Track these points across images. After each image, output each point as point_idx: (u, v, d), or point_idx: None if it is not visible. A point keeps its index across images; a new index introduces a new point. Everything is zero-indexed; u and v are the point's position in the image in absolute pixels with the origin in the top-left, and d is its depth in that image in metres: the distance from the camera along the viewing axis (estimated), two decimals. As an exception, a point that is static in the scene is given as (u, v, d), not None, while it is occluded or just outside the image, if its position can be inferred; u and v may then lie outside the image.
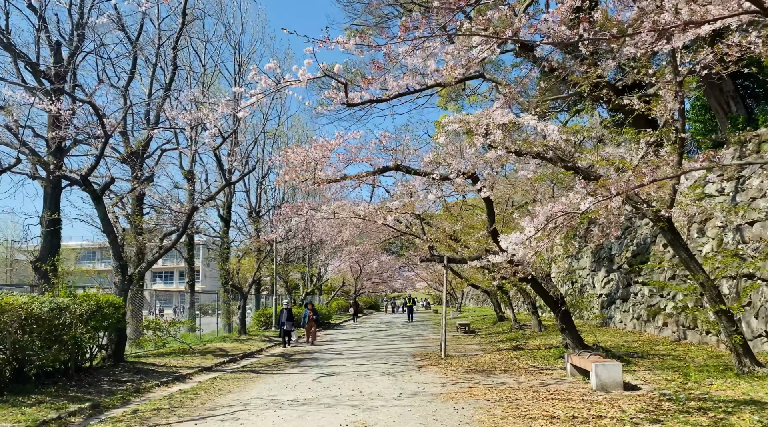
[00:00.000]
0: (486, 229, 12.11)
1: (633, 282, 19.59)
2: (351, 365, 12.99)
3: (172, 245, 13.64)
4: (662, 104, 9.18)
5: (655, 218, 8.97)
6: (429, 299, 76.85)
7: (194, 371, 12.30)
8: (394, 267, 53.65)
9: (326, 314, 32.35)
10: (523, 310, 36.03)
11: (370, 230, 23.31)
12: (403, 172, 11.02)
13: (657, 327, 16.97)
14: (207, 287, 67.49)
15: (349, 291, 57.55)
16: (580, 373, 10.05)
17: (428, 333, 23.74)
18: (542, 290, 13.37)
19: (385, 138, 10.89)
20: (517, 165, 9.02)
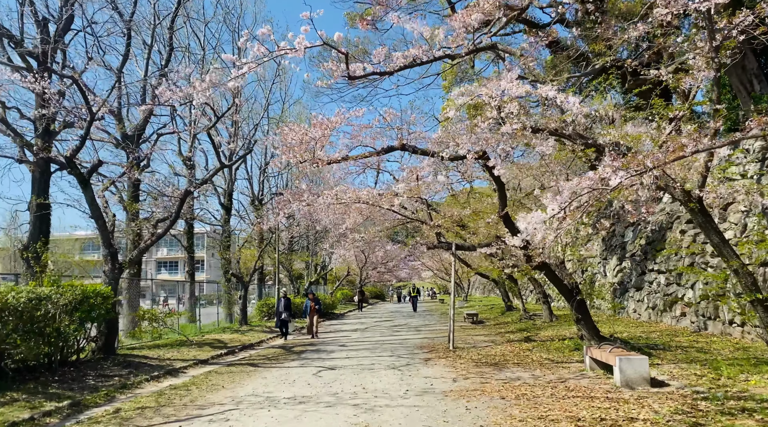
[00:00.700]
0: (497, 213, 11.34)
1: (648, 270, 18.81)
2: (354, 358, 12.31)
3: (165, 231, 12.94)
4: (692, 74, 8.35)
5: (685, 198, 8.18)
6: (435, 288, 76.21)
7: (189, 364, 11.66)
8: (400, 256, 52.88)
9: (330, 304, 31.73)
10: (531, 299, 35.33)
11: (374, 217, 22.59)
12: (409, 153, 10.24)
13: (674, 317, 16.22)
14: (212, 277, 67.11)
15: (354, 281, 56.94)
16: (601, 367, 9.33)
17: (435, 323, 23.06)
18: (556, 278, 12.61)
19: (390, 116, 10.11)
20: (535, 141, 8.21)
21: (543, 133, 8.74)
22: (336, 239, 26.66)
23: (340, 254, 28.77)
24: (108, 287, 10.87)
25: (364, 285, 54.30)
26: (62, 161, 10.73)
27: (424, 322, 24.11)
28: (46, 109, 11.87)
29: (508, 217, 11.52)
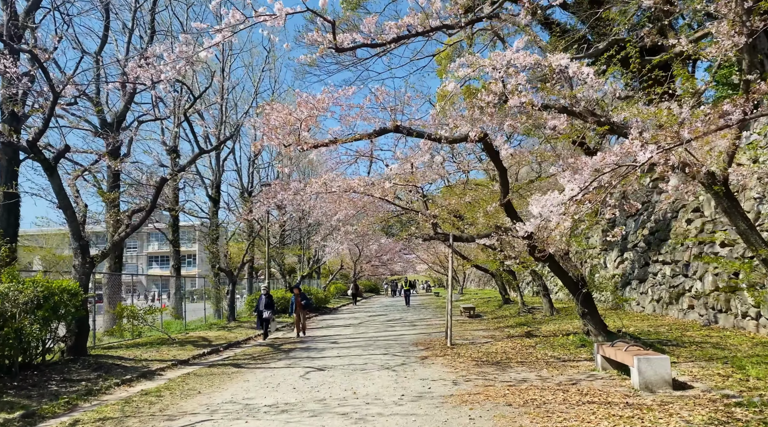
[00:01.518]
0: (499, 201, 10.51)
1: (652, 261, 18.09)
2: (346, 357, 11.49)
3: (141, 222, 12.04)
4: (716, 43, 7.53)
5: (709, 180, 7.38)
6: (430, 281, 75.58)
7: (167, 365, 10.80)
8: (395, 250, 52.10)
9: (323, 299, 30.89)
10: (527, 291, 34.63)
11: (367, 209, 21.74)
12: (404, 135, 9.38)
13: (681, 310, 15.50)
14: (204, 272, 66.09)
15: (348, 274, 56.10)
16: (614, 366, 8.55)
17: (430, 318, 22.28)
18: (561, 270, 11.83)
19: (382, 95, 9.24)
20: (546, 115, 7.37)
21: (551, 110, 7.92)
22: (328, 232, 25.80)
23: (332, 248, 27.90)
24: (76, 283, 9.97)
25: (358, 279, 53.53)
26: (24, 146, 9.80)
27: (419, 316, 23.34)
28: (11, 90, 10.93)
29: (510, 205, 10.70)
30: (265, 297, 16.45)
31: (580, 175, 4.75)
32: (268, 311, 16.22)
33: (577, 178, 4.73)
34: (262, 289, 17.17)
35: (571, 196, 4.68)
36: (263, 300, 16.34)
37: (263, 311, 16.20)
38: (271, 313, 16.33)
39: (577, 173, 4.90)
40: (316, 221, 30.46)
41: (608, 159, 4.70)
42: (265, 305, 16.24)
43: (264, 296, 16.49)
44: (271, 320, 16.57)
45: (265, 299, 16.39)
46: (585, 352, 10.76)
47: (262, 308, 16.22)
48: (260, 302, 16.45)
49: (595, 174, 4.72)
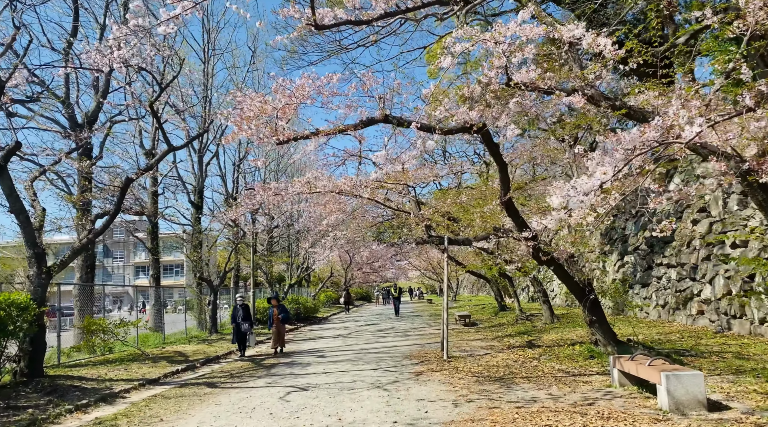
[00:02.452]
0: (498, 199, 9.55)
1: (655, 265, 17.22)
2: (332, 373, 10.45)
3: (105, 226, 10.96)
4: (747, 15, 6.64)
5: (740, 171, 6.47)
6: (422, 288, 74.54)
7: (133, 385, 9.70)
8: (386, 256, 51.08)
9: (312, 308, 29.75)
10: (522, 297, 33.70)
11: (356, 214, 20.77)
12: (394, 125, 8.42)
13: (690, 316, 14.61)
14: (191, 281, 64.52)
15: (338, 282, 54.94)
16: (632, 382, 7.58)
17: (423, 326, 21.26)
18: (566, 274, 10.88)
19: (370, 81, 8.28)
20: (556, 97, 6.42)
21: (559, 94, 6.98)
22: (317, 238, 24.76)
23: (322, 254, 26.85)
24: (27, 296, 8.88)
25: (349, 286, 52.45)
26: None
27: (412, 325, 22.30)
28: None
29: (511, 203, 9.74)
30: (241, 309, 14.78)
31: (614, 155, 3.80)
32: (246, 323, 14.63)
33: (608, 161, 3.78)
34: (238, 300, 15.12)
35: (602, 181, 3.72)
36: (240, 312, 14.70)
37: (241, 324, 14.57)
38: (249, 326, 14.69)
39: (608, 155, 3.95)
40: (305, 227, 29.43)
41: (649, 134, 3.76)
42: (243, 317, 14.61)
43: (240, 308, 14.79)
44: (249, 334, 14.80)
45: (242, 310, 14.75)
46: (595, 364, 9.80)
47: (240, 321, 14.58)
48: (236, 315, 14.74)
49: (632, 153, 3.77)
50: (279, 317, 14.93)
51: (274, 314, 15.02)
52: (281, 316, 15.03)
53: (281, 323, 14.98)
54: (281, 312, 15.14)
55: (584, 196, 3.74)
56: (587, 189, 3.72)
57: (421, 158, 13.02)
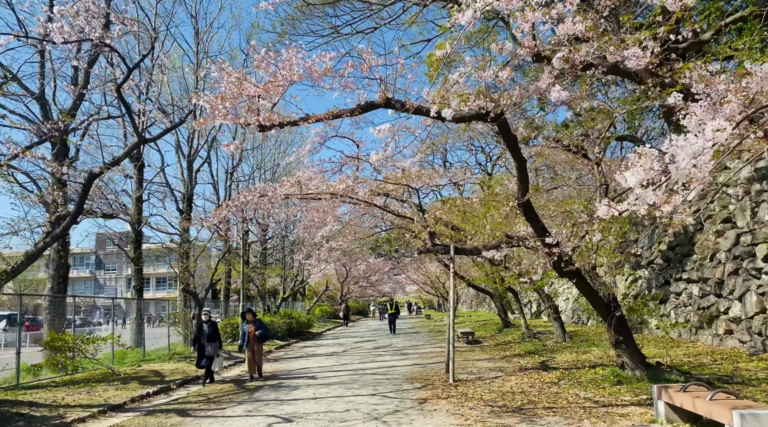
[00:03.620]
0: (515, 200, 8.31)
1: (674, 279, 15.96)
2: (323, 400, 9.11)
3: (65, 228, 9.69)
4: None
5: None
6: (420, 302, 73.00)
7: (91, 412, 8.35)
8: (383, 270, 49.82)
9: (305, 323, 28.32)
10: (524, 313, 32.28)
11: (352, 222, 19.51)
12: (396, 111, 7.21)
13: (716, 335, 13.33)
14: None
15: (334, 296, 53.51)
16: (683, 417, 6.28)
17: (423, 344, 19.89)
18: (589, 288, 9.63)
19: (369, 59, 7.09)
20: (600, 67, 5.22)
21: (598, 69, 5.80)
22: (311, 249, 23.46)
23: (317, 266, 25.53)
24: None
25: (345, 300, 51.08)
26: None
27: (411, 342, 20.92)
28: None
29: (530, 205, 8.50)
30: (207, 326, 12.29)
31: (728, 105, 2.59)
32: (212, 344, 12.14)
33: (722, 110, 2.56)
34: (203, 316, 12.69)
35: (716, 141, 2.50)
36: (204, 330, 12.22)
37: (206, 346, 12.08)
38: (215, 347, 12.22)
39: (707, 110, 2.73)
40: (299, 238, 28.15)
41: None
42: (208, 336, 12.14)
43: (205, 325, 12.31)
44: (216, 357, 12.37)
45: (208, 328, 12.26)
46: (626, 392, 8.50)
47: (204, 342, 12.09)
48: (201, 334, 12.23)
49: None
50: (255, 334, 12.49)
51: (250, 331, 12.53)
52: (258, 333, 12.53)
53: (258, 342, 12.57)
54: (258, 328, 12.64)
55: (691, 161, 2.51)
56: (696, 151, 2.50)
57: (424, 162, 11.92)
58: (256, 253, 34.59)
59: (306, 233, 25.59)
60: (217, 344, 12.28)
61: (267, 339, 13.32)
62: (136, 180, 20.10)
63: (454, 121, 7.15)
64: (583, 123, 22.79)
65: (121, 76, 12.31)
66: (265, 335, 12.79)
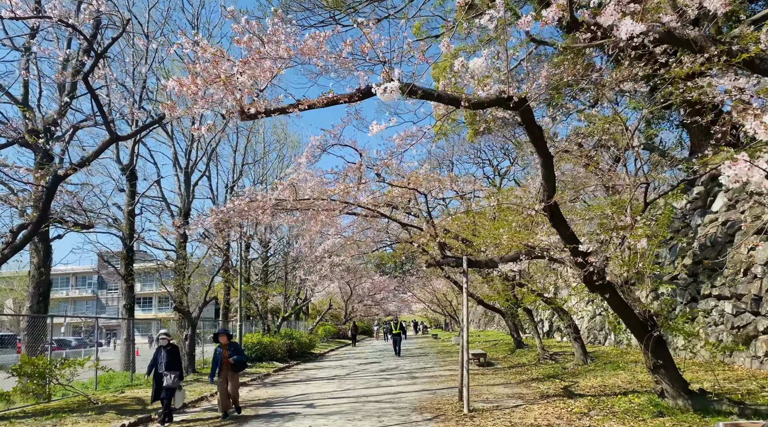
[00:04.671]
0: (542, 201, 7.20)
1: (702, 296, 14.74)
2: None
3: (27, 239, 8.65)
4: None
5: None
6: (426, 322, 71.45)
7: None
8: (389, 288, 48.59)
9: (307, 343, 27.05)
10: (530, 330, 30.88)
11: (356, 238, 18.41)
12: (403, 95, 6.17)
13: (755, 357, 12.08)
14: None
15: (338, 315, 52.15)
16: (759, 464, 5.10)
17: (432, 366, 18.61)
18: (623, 305, 8.46)
19: (371, 35, 6.07)
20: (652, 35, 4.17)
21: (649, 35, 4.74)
22: (312, 265, 22.32)
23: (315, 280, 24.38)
24: None
25: (349, 319, 49.82)
26: None
27: (418, 364, 19.64)
28: None
29: (557, 209, 7.38)
30: (165, 351, 9.94)
31: None
32: (173, 374, 9.82)
33: None
34: (161, 338, 10.27)
35: None
36: (162, 356, 9.92)
37: (163, 375, 9.79)
38: (176, 378, 9.84)
39: None
40: (300, 253, 27.04)
41: None
42: (167, 364, 9.83)
43: (163, 350, 9.97)
44: (178, 390, 10.05)
45: (166, 353, 9.93)
46: (672, 426, 7.28)
47: (162, 370, 9.80)
48: (157, 360, 9.99)
49: None
50: (230, 361, 10.34)
51: (223, 356, 10.36)
52: (234, 359, 10.35)
53: (233, 370, 10.35)
54: (234, 354, 10.44)
55: None
56: None
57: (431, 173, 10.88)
58: (257, 270, 33.50)
59: (307, 248, 24.52)
60: (177, 374, 9.92)
61: (244, 367, 10.97)
62: (128, 192, 19.13)
63: (471, 108, 6.08)
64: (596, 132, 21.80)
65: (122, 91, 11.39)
66: (241, 362, 10.62)
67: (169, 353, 9.99)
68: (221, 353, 10.44)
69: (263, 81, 6.10)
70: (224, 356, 10.38)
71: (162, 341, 10.19)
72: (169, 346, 10.15)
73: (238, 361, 10.46)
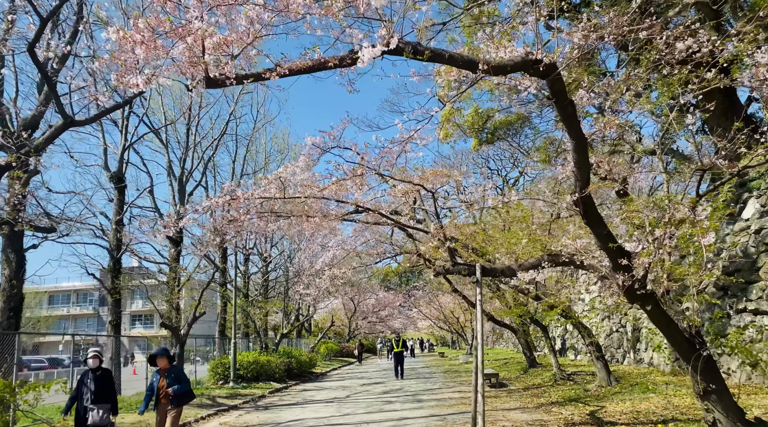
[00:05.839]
0: (575, 194, 6.00)
1: (735, 311, 13.43)
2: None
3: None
4: None
5: None
6: (432, 339, 69.75)
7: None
8: (394, 304, 47.20)
9: (307, 362, 25.68)
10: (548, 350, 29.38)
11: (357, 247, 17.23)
12: (406, 57, 5.04)
13: (804, 378, 10.75)
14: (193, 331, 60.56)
15: (342, 332, 50.67)
16: None
17: (440, 388, 17.23)
18: (667, 318, 7.19)
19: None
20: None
21: None
22: (311, 278, 21.13)
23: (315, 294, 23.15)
24: None
25: (353, 337, 48.47)
26: None
27: (425, 385, 18.27)
28: None
29: (591, 203, 6.17)
30: (93, 376, 7.69)
31: None
32: (101, 408, 7.54)
33: None
34: (89, 358, 7.80)
35: None
36: (89, 382, 7.64)
37: (89, 409, 7.50)
38: (106, 412, 7.58)
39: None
40: (301, 268, 25.83)
41: None
42: (95, 393, 7.54)
43: (91, 375, 7.71)
44: (106, 424, 7.61)
45: (95, 380, 7.66)
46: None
47: (87, 403, 7.51)
48: (81, 389, 7.67)
49: None
50: (168, 391, 7.82)
51: (160, 385, 7.95)
52: (174, 390, 7.81)
53: (173, 404, 7.87)
54: (174, 382, 7.92)
55: None
56: None
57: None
58: (257, 285, 32.31)
59: (307, 261, 23.39)
60: (108, 408, 7.63)
61: (188, 399, 8.27)
62: (117, 201, 18.05)
63: (492, 73, 4.92)
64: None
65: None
66: (183, 394, 7.98)
67: (98, 379, 7.65)
68: (158, 381, 7.96)
69: (237, 47, 4.99)
70: (161, 385, 7.90)
71: (91, 363, 7.73)
72: (100, 370, 7.77)
73: (178, 392, 7.85)
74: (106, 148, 18.23)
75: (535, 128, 26.68)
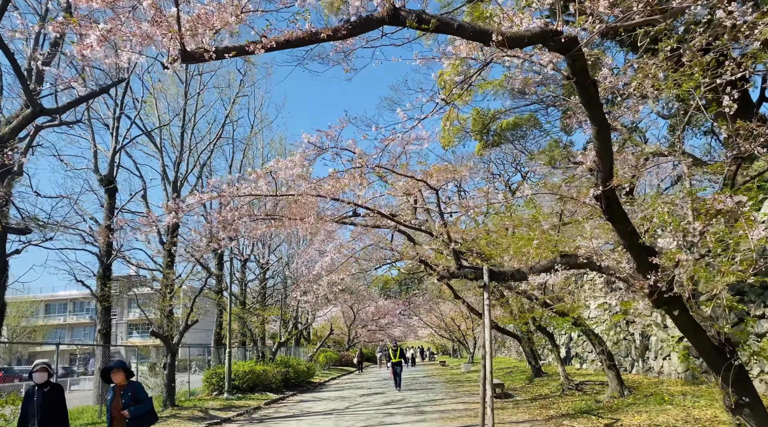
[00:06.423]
0: (597, 186, 5.40)
1: (752, 317, 12.79)
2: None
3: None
4: None
5: None
6: (432, 348, 68.88)
7: None
8: (394, 312, 46.45)
9: (304, 372, 24.97)
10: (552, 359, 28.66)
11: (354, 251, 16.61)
12: (409, 27, 4.47)
13: (831, 389, 10.11)
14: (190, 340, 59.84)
15: (341, 341, 49.87)
16: None
17: (442, 398, 16.55)
18: (694, 324, 6.58)
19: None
20: None
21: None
22: (308, 284, 20.46)
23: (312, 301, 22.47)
24: None
25: (352, 345, 47.73)
26: None
27: (427, 396, 17.58)
28: None
29: (615, 197, 5.57)
30: (39, 394, 6.62)
31: None
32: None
33: None
34: (35, 373, 6.63)
35: None
36: (36, 399, 6.58)
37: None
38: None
39: None
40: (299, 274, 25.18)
41: None
42: (43, 412, 6.52)
43: (38, 390, 6.64)
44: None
45: (42, 398, 6.59)
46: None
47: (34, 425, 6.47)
48: (28, 407, 6.57)
49: None
50: (125, 414, 6.45)
51: (115, 405, 6.57)
52: (131, 411, 6.46)
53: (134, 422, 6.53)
54: (132, 399, 6.61)
55: None
56: None
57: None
58: (254, 293, 31.64)
59: (305, 267, 22.76)
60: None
61: (149, 423, 6.85)
62: (107, 206, 17.46)
63: (506, 45, 4.34)
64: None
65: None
66: (142, 417, 6.64)
67: (46, 396, 6.61)
68: (112, 399, 6.65)
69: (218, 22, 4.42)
70: (116, 405, 6.57)
71: (38, 377, 6.63)
72: (48, 385, 6.70)
73: (136, 414, 6.52)
74: (96, 150, 17.66)
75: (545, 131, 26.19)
